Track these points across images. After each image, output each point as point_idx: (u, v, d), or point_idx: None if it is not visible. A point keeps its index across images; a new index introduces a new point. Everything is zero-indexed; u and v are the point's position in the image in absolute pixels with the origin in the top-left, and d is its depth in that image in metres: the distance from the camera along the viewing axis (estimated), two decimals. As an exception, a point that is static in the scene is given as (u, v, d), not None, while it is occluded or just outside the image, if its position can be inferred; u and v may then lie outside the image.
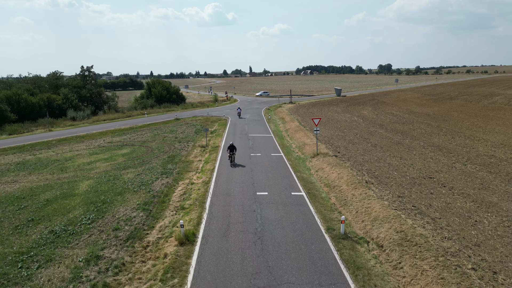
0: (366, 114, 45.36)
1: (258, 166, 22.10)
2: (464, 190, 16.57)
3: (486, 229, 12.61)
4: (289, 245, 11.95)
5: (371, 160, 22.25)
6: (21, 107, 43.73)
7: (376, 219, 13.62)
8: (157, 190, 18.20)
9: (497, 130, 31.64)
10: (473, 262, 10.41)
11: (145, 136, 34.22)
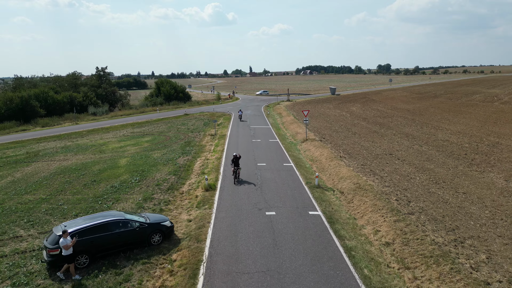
0: (355, 110, 50.99)
1: (258, 148, 27.76)
2: (412, 161, 22.21)
3: (416, 182, 18.24)
4: (279, 190, 17.60)
5: (348, 143, 27.91)
6: (48, 103, 49.35)
7: (342, 178, 19.25)
8: (181, 163, 23.84)
9: (461, 122, 37.27)
10: (397, 197, 16.04)
11: (161, 128, 39.84)
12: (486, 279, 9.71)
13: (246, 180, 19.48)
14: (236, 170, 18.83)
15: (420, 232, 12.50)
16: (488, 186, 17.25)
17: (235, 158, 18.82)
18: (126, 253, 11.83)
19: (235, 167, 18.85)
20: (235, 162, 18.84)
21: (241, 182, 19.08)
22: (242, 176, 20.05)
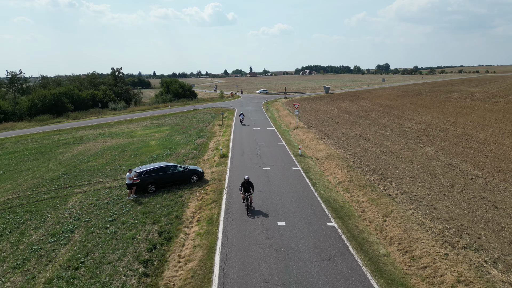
0: (343, 106, 58.14)
1: (258, 133, 34.90)
2: (374, 141, 29.37)
3: (371, 152, 25.37)
4: (273, 157, 24.74)
5: (330, 130, 35.07)
6: (75, 100, 56.47)
7: (319, 150, 26.39)
8: (199, 143, 30.96)
9: (428, 114, 44.42)
10: (354, 160, 23.18)
11: (175, 120, 46.97)
12: (390, 194, 16.83)
13: (249, 152, 26.63)
14: (247, 197, 15.02)
15: (361, 176, 19.65)
16: (420, 154, 24.42)
17: (246, 183, 15.16)
18: (177, 186, 18.98)
19: (245, 193, 15.03)
20: (245, 187, 15.12)
21: (245, 152, 26.27)
22: (246, 149, 27.21)
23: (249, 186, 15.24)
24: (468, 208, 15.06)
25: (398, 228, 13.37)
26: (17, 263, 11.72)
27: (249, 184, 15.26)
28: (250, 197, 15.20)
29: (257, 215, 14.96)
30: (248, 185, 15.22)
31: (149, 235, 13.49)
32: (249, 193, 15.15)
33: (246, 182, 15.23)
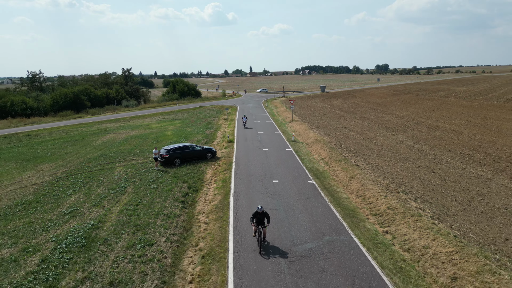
0: (336, 103, 63.66)
1: (258, 125, 40.42)
2: (357, 131, 34.87)
3: (351, 139, 30.88)
4: (271, 142, 30.27)
5: (320, 122, 40.61)
6: (91, 97, 61.98)
7: (309, 137, 31.90)
8: (208, 133, 36.45)
9: (410, 110, 49.92)
10: (336, 144, 28.70)
11: (184, 115, 52.47)
12: (357, 164, 22.32)
13: (251, 139, 32.15)
14: (259, 229, 12.24)
15: (339, 154, 25.16)
16: (391, 140, 29.94)
17: (259, 214, 12.35)
18: (196, 161, 24.50)
19: (257, 225, 12.34)
20: (258, 218, 12.37)
21: (248, 139, 31.79)
22: (249, 137, 32.74)
23: (264, 218, 12.27)
24: (412, 172, 20.58)
25: (358, 184, 18.89)
26: (94, 203, 17.23)
27: (263, 216, 12.26)
28: (264, 230, 12.18)
29: (257, 175, 20.48)
30: (262, 217, 12.24)
31: (181, 189, 19.00)
32: (263, 225, 12.24)
33: (260, 214, 12.18)
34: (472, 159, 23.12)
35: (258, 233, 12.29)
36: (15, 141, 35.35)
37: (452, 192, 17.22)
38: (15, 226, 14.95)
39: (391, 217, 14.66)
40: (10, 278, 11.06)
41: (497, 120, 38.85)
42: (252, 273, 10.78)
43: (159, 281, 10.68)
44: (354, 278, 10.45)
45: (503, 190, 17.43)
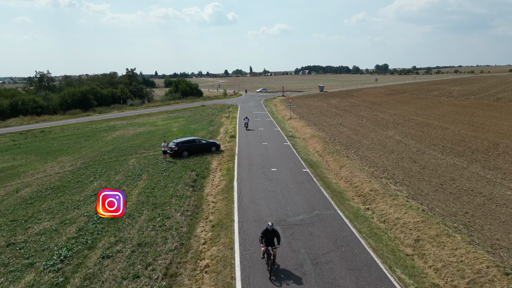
0: (333, 102, 66.10)
1: (259, 122, 42.88)
2: (350, 127, 37.31)
3: (344, 134, 33.33)
4: (270, 137, 32.72)
5: (317, 120, 43.06)
6: (97, 96, 64.41)
7: (306, 133, 34.35)
8: (211, 130, 38.88)
9: (403, 108, 52.35)
10: (330, 138, 31.14)
11: (188, 114, 54.89)
12: (348, 156, 24.76)
13: (252, 134, 34.59)
14: (269, 251, 10.76)
15: (332, 147, 27.60)
16: (381, 135, 32.38)
17: (269, 232, 11.10)
18: (202, 153, 26.94)
19: (267, 246, 10.93)
20: (268, 237, 11.10)
21: (249, 134, 34.22)
22: (250, 134, 35.13)
23: (274, 237, 10.99)
24: (396, 162, 23.03)
25: (347, 171, 21.33)
26: (115, 187, 19.63)
27: (273, 234, 10.99)
28: (274, 252, 10.71)
29: (257, 165, 22.93)
30: (272, 235, 10.97)
31: (190, 176, 21.45)
32: (273, 246, 10.82)
33: (270, 232, 10.96)
34: (452, 151, 25.56)
35: (267, 255, 10.66)
36: (31, 137, 37.80)
37: (428, 178, 19.67)
38: (49, 206, 17.38)
39: (373, 197, 17.09)
40: (54, 242, 13.49)
41: (483, 117, 41.30)
42: (253, 238, 13.20)
43: (178, 243, 13.12)
44: (336, 239, 12.90)
45: (473, 176, 19.87)
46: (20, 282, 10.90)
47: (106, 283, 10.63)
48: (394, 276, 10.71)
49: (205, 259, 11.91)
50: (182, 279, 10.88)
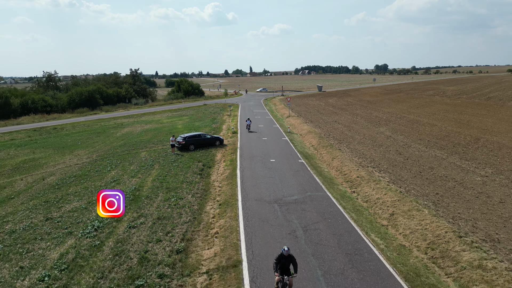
0: (330, 101, 68.54)
1: (259, 120, 45.33)
2: (345, 124, 39.76)
3: (339, 130, 35.77)
4: (269, 133, 35.18)
5: (314, 117, 45.51)
6: (103, 96, 66.86)
7: (303, 129, 36.80)
8: (214, 127, 41.32)
9: (397, 107, 54.80)
10: (325, 134, 33.59)
11: (191, 112, 57.33)
12: (340, 149, 27.20)
13: (253, 130, 37.03)
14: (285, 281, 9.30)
15: (326, 141, 30.04)
16: (373, 131, 34.82)
17: (284, 258, 9.45)
18: (207, 147, 29.40)
19: (281, 274, 9.37)
20: (283, 264, 9.50)
21: (251, 132, 36.65)
22: (253, 128, 37.57)
23: (290, 263, 9.50)
24: (383, 154, 25.48)
25: (338, 162, 23.77)
26: (131, 175, 22.09)
27: (289, 260, 9.49)
28: (290, 281, 9.30)
29: (258, 157, 25.37)
30: (288, 262, 9.48)
31: (198, 166, 23.88)
32: (290, 275, 9.37)
33: (286, 258, 9.42)
34: (436, 145, 28.02)
35: (282, 286, 9.23)
36: (45, 133, 40.25)
37: (409, 167, 22.13)
38: (75, 190, 19.82)
39: (359, 183, 19.54)
40: (86, 217, 15.92)
41: (470, 115, 43.77)
42: (254, 214, 15.64)
43: (191, 217, 15.56)
44: (323, 213, 15.35)
45: (450, 166, 22.31)
46: (64, 245, 13.34)
47: (135, 245, 13.07)
48: (369, 239, 13.16)
49: (215, 228, 14.36)
50: (196, 242, 13.33)
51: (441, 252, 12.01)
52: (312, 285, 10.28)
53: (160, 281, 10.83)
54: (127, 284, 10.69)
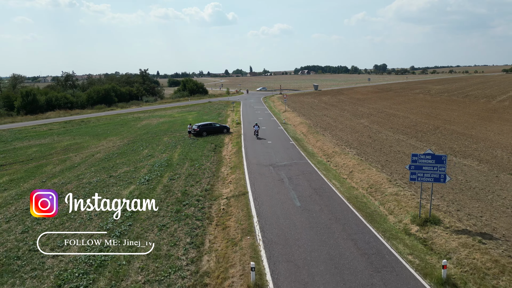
0: (324, 99, 75.30)
1: (259, 115, 52.10)
2: (332, 117, 46.52)
3: (325, 122, 42.53)
4: (267, 124, 41.95)
5: (307, 112, 52.29)
6: (117, 94, 73.62)
7: (296, 121, 43.55)
8: (220, 120, 48.00)
9: (382, 104, 61.54)
10: (314, 124, 40.36)
11: (198, 108, 64.08)
12: (324, 134, 33.96)
13: (254, 122, 43.73)
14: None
15: (314, 130, 36.80)
16: (355, 122, 41.58)
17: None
18: (216, 134, 36.19)
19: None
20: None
21: (251, 122, 43.44)
22: (252, 119, 44.36)
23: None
24: (357, 138, 32.22)
25: (320, 143, 30.51)
26: (161, 152, 28.82)
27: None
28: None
29: (260, 140, 32.12)
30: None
31: (211, 146, 30.62)
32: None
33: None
34: (402, 132, 34.78)
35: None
36: (76, 125, 47.01)
37: (374, 145, 28.90)
38: (121, 161, 26.56)
39: (332, 155, 26.30)
40: (137, 174, 22.65)
41: (441, 110, 50.55)
42: (255, 171, 22.36)
43: (212, 174, 22.29)
44: (303, 171, 22.10)
45: (406, 145, 29.05)
46: (129, 188, 20.07)
47: (177, 188, 19.80)
48: (330, 183, 19.93)
49: (229, 179, 21.12)
50: (217, 186, 20.10)
51: (375, 189, 18.77)
52: (291, 201, 17.04)
53: (197, 203, 17.57)
54: (178, 203, 17.43)
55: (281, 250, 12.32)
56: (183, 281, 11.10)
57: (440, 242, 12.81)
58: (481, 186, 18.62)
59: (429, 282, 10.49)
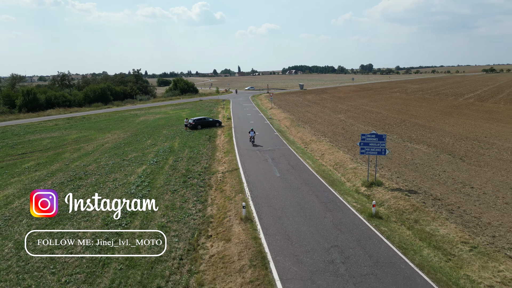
0: (308, 97, 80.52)
1: (247, 111, 56.84)
2: (313, 113, 51.61)
3: (307, 117, 47.54)
4: (255, 119, 46.74)
5: (291, 109, 57.28)
6: (112, 93, 77.28)
7: (281, 117, 48.46)
8: (212, 115, 52.60)
9: (360, 101, 67.00)
10: (297, 119, 45.33)
11: (190, 106, 68.41)
12: (304, 127, 38.93)
13: (243, 118, 48.48)
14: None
15: (296, 123, 41.75)
16: (333, 117, 46.69)
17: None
18: (210, 127, 40.79)
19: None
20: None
21: (240, 117, 48.13)
22: (241, 115, 49.06)
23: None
24: (332, 129, 37.28)
25: (300, 134, 35.42)
26: (163, 141, 33.30)
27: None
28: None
29: (247, 132, 36.92)
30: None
31: (206, 137, 35.21)
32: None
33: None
34: (372, 125, 40.01)
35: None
36: (78, 121, 50.89)
37: (345, 135, 33.97)
38: (130, 149, 30.94)
39: (309, 143, 31.23)
40: (146, 158, 27.12)
41: (411, 106, 56.20)
42: (245, 154, 27.09)
43: (209, 157, 26.95)
44: (284, 154, 26.96)
45: (373, 135, 34.17)
46: (141, 168, 24.55)
47: (181, 167, 24.38)
48: (305, 162, 24.83)
49: (223, 160, 25.83)
50: (214, 165, 24.78)
51: (340, 165, 23.73)
52: (273, 173, 21.85)
53: (199, 176, 22.22)
54: (183, 177, 22.04)
55: (264, 201, 17.13)
56: (194, 221, 15.78)
57: (378, 196, 17.80)
58: (422, 162, 23.82)
59: (364, 216, 15.42)
